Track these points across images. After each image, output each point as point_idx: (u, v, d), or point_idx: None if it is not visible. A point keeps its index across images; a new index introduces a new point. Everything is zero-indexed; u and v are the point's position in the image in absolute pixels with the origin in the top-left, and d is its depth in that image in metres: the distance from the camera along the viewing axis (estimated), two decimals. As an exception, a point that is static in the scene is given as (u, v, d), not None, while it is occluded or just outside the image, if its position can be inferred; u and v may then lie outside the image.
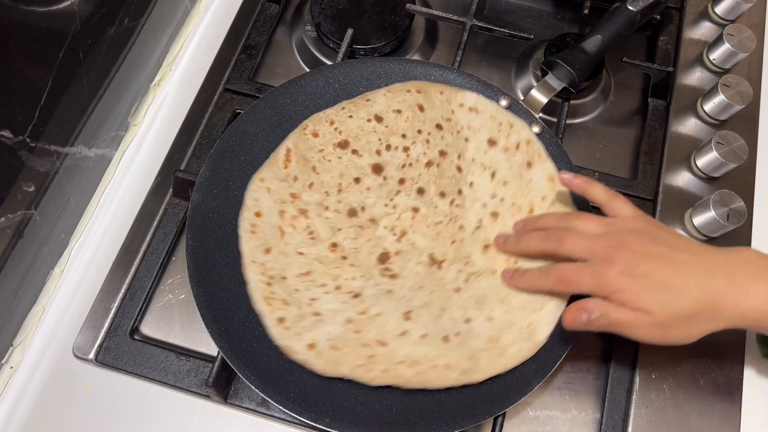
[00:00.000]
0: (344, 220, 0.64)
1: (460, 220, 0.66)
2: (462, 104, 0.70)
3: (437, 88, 0.70)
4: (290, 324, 0.58)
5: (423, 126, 0.68)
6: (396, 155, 0.67)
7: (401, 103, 0.69)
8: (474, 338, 0.59)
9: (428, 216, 0.65)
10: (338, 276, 0.62)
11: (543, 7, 0.89)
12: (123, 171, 0.75)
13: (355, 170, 0.67)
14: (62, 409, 0.62)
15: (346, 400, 0.57)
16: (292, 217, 0.63)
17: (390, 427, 0.56)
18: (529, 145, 0.67)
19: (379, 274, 0.62)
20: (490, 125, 0.69)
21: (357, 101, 0.69)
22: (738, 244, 0.69)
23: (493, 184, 0.67)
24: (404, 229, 0.64)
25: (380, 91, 0.70)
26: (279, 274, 0.61)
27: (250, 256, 0.61)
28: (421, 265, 0.63)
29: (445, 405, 0.58)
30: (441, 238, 0.65)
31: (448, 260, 0.64)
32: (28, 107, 0.57)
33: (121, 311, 0.65)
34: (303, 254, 0.62)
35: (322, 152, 0.67)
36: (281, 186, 0.65)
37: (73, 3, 0.60)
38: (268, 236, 0.62)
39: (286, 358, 0.58)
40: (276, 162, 0.66)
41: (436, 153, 0.67)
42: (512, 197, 0.66)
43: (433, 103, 0.69)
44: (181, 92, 0.79)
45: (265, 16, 0.84)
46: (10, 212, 0.58)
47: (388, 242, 0.64)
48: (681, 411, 0.62)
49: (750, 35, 0.76)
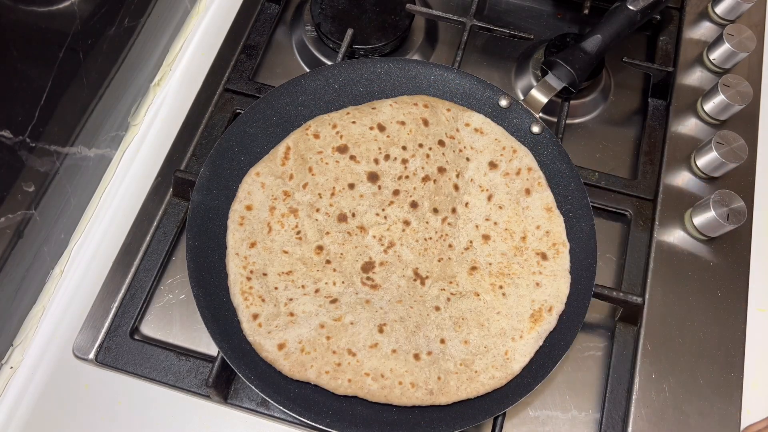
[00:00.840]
0: (333, 224, 0.64)
1: (450, 238, 0.65)
2: (468, 124, 0.70)
3: (445, 104, 0.70)
4: (263, 321, 0.59)
5: (425, 140, 0.68)
6: (394, 166, 0.67)
7: (406, 116, 0.68)
8: (446, 359, 0.59)
9: (418, 230, 0.65)
10: (319, 279, 0.62)
11: (543, 7, 0.89)
12: (123, 171, 0.75)
13: (351, 176, 0.66)
14: (62, 409, 0.62)
15: (346, 400, 0.58)
16: (281, 215, 0.64)
17: (390, 427, 0.56)
18: (530, 173, 0.67)
19: (361, 282, 0.62)
20: (494, 148, 0.69)
21: (362, 108, 0.69)
22: (738, 244, 0.69)
23: (488, 206, 0.67)
24: (392, 241, 0.64)
25: (387, 101, 0.70)
26: (260, 269, 0.61)
27: (234, 248, 0.61)
28: (404, 279, 0.63)
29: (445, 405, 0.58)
30: (428, 254, 0.64)
31: (432, 277, 0.63)
32: (28, 107, 0.57)
33: (121, 311, 0.65)
34: (287, 253, 0.62)
35: (320, 154, 0.67)
36: (276, 182, 0.65)
37: (73, 3, 0.60)
38: (255, 230, 0.62)
39: (285, 358, 0.58)
40: (274, 158, 0.66)
41: (435, 169, 0.67)
42: (506, 222, 0.66)
43: (438, 119, 0.69)
44: (181, 92, 0.79)
45: (265, 16, 0.84)
46: (10, 212, 0.58)
47: (374, 252, 0.64)
48: (681, 411, 0.62)
49: (750, 35, 0.76)
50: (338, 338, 0.58)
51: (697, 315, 0.66)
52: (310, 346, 0.58)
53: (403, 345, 0.59)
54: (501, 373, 0.58)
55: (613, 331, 0.67)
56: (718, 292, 0.67)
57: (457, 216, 0.66)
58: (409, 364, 0.58)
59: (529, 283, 0.62)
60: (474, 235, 0.65)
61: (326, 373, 0.57)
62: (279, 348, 0.58)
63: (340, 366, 0.57)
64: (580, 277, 0.63)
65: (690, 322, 0.65)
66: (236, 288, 0.60)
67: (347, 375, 0.57)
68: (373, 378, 0.57)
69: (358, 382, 0.57)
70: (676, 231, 0.70)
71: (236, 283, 0.60)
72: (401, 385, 0.57)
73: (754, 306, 0.67)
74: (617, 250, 0.72)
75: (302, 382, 0.58)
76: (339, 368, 0.57)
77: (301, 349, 0.58)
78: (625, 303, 0.64)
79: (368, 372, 0.57)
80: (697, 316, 0.66)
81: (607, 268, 0.71)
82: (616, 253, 0.72)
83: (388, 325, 0.59)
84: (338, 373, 0.57)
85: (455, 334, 0.60)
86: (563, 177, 0.68)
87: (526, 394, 0.58)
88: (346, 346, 0.58)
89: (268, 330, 0.58)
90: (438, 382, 0.57)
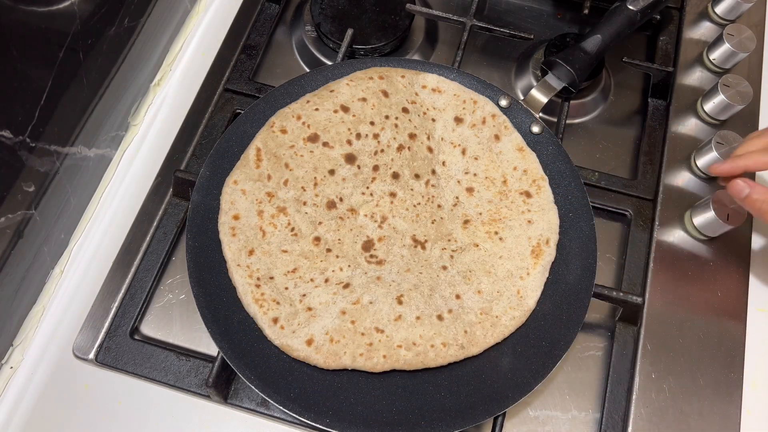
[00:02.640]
0: (324, 213, 0.64)
1: (437, 199, 0.67)
2: (424, 86, 0.71)
3: (398, 72, 0.71)
4: (284, 323, 0.59)
5: (389, 111, 0.69)
6: (367, 143, 0.68)
7: (365, 91, 0.69)
8: (466, 313, 0.61)
9: (406, 199, 0.66)
10: (325, 269, 0.62)
11: (543, 7, 0.89)
12: (123, 171, 0.75)
13: (328, 162, 0.67)
14: (62, 409, 0.62)
15: (346, 400, 0.58)
16: (271, 216, 0.64)
17: (390, 427, 0.57)
18: (495, 119, 0.69)
19: (366, 261, 0.63)
20: (454, 103, 0.70)
21: (321, 93, 0.69)
22: (738, 245, 0.69)
23: (464, 160, 0.68)
24: (384, 215, 0.65)
25: (343, 81, 0.70)
26: (266, 274, 0.61)
27: (234, 260, 0.61)
28: (405, 248, 0.64)
29: (445, 405, 0.58)
30: (421, 219, 0.66)
31: (431, 240, 0.65)
32: (28, 107, 0.57)
33: (121, 311, 0.65)
34: (287, 252, 0.62)
35: (292, 148, 0.67)
36: (256, 186, 0.65)
37: (73, 3, 0.60)
38: (249, 238, 0.62)
39: (286, 358, 0.58)
40: (247, 162, 0.65)
41: (406, 136, 0.68)
42: (485, 171, 0.68)
43: (396, 87, 0.70)
44: (181, 92, 0.79)
45: (265, 16, 0.84)
46: (10, 212, 0.58)
47: (369, 230, 0.64)
48: (681, 411, 0.62)
49: (750, 35, 0.76)
50: (362, 320, 0.59)
51: (697, 315, 0.66)
52: (338, 335, 0.58)
53: (425, 310, 0.60)
54: (519, 311, 0.61)
55: (613, 331, 0.67)
56: (718, 292, 0.67)
57: (438, 176, 0.68)
58: (435, 326, 0.59)
59: (521, 223, 0.65)
60: (458, 190, 0.67)
61: (360, 356, 0.58)
62: (308, 344, 0.58)
63: (372, 345, 0.58)
64: (580, 277, 0.63)
65: (690, 322, 0.65)
66: (248, 298, 0.60)
67: (381, 352, 0.58)
68: (406, 348, 0.58)
69: (393, 356, 0.58)
70: (676, 231, 0.70)
71: (247, 293, 0.60)
72: (433, 347, 0.58)
73: (754, 306, 0.67)
74: (617, 250, 0.72)
75: (302, 381, 0.58)
76: (371, 347, 0.58)
77: (330, 339, 0.58)
78: (625, 303, 0.64)
79: (400, 344, 0.58)
80: (697, 316, 0.66)
81: (607, 268, 0.71)
82: (616, 253, 0.72)
83: (405, 295, 0.61)
84: (372, 353, 0.58)
85: (467, 287, 0.62)
86: (563, 177, 0.68)
87: (526, 394, 0.58)
88: (373, 325, 0.59)
89: (292, 330, 0.59)
90: (465, 336, 0.59)
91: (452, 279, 0.62)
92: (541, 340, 0.61)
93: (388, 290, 0.61)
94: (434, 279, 0.62)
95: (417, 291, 0.61)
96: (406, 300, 0.60)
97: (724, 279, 0.68)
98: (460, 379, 0.59)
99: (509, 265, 0.63)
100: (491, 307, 0.61)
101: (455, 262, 0.63)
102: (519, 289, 0.62)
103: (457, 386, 0.59)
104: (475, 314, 0.61)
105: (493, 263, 0.63)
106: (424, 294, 0.61)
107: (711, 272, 0.68)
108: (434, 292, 0.61)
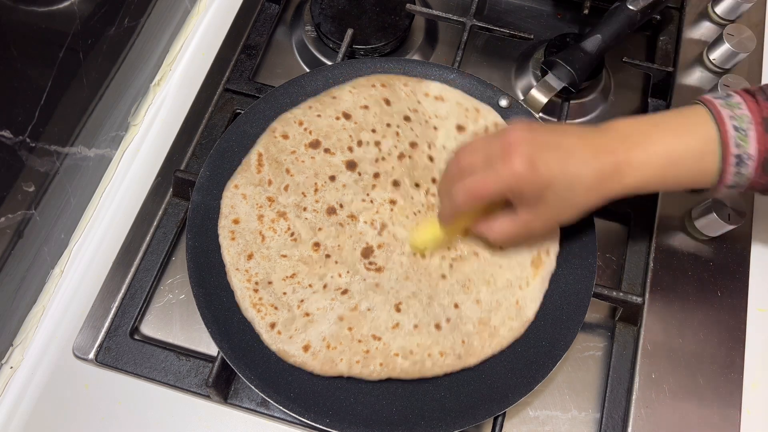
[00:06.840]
0: (324, 219, 0.64)
1: (437, 208, 0.66)
2: (427, 94, 0.71)
3: (401, 80, 0.71)
4: (282, 328, 0.59)
5: (391, 119, 0.69)
6: (368, 150, 0.67)
7: (368, 99, 0.69)
8: (464, 322, 0.60)
9: (406, 207, 0.66)
10: (324, 275, 0.62)
11: (543, 7, 0.89)
12: (123, 171, 0.75)
13: (329, 168, 0.66)
14: (62, 409, 0.62)
15: (346, 400, 0.58)
16: (271, 221, 0.63)
17: (390, 427, 0.57)
18: (497, 128, 0.69)
19: (365, 268, 0.62)
20: (457, 111, 0.70)
21: (323, 99, 0.69)
22: (738, 245, 0.69)
23: None
24: (384, 222, 0.65)
25: (345, 87, 0.70)
26: (264, 279, 0.61)
27: (233, 264, 0.61)
28: (404, 256, 0.63)
29: (445, 405, 0.58)
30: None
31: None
32: (28, 107, 0.57)
33: (121, 311, 0.65)
34: (286, 257, 0.62)
35: (294, 154, 0.67)
36: (256, 191, 0.65)
37: (73, 3, 0.60)
38: (249, 242, 0.62)
39: (286, 358, 0.58)
40: (249, 167, 0.66)
41: (407, 145, 0.68)
42: None
43: (398, 95, 0.70)
44: (181, 92, 0.79)
45: (265, 16, 0.84)
46: (10, 212, 0.58)
47: (369, 236, 0.64)
48: (681, 411, 0.62)
49: (750, 35, 0.76)
50: (360, 326, 0.59)
51: (697, 315, 0.66)
52: (335, 341, 0.58)
53: (423, 318, 0.60)
54: (517, 322, 0.61)
55: (613, 331, 0.67)
56: (718, 292, 0.67)
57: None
58: (433, 335, 0.59)
59: None
60: None
61: (357, 363, 0.58)
62: (305, 350, 0.58)
63: (369, 353, 0.58)
64: (580, 277, 0.63)
65: (690, 322, 0.65)
66: (246, 303, 0.60)
67: (378, 360, 0.58)
68: (403, 356, 0.58)
69: (390, 364, 0.58)
70: (676, 231, 0.70)
71: (245, 298, 0.60)
72: (430, 356, 0.58)
73: (754, 306, 0.67)
74: (617, 250, 0.72)
75: (302, 381, 0.58)
76: (368, 355, 0.58)
77: (326, 345, 0.58)
78: (625, 303, 0.64)
79: (397, 352, 0.58)
80: (697, 316, 0.66)
81: (607, 268, 0.71)
82: (616, 253, 0.72)
83: (404, 303, 0.60)
84: (369, 360, 0.58)
85: (466, 297, 0.62)
86: (563, 177, 0.67)
87: (526, 394, 0.58)
88: (370, 332, 0.59)
89: (289, 335, 0.58)
90: (463, 346, 0.59)
91: (451, 288, 0.62)
92: (541, 340, 0.61)
93: (386, 297, 0.61)
94: (433, 287, 0.62)
95: (415, 299, 0.61)
96: (404, 308, 0.60)
97: (724, 279, 0.68)
98: (460, 379, 0.59)
99: (508, 275, 0.62)
100: (490, 317, 0.61)
101: (454, 271, 0.63)
102: (518, 299, 0.61)
103: (457, 386, 0.59)
104: (473, 324, 0.60)
105: (492, 273, 0.63)
106: (422, 302, 0.61)
107: (711, 272, 0.68)
108: (433, 301, 0.61)
